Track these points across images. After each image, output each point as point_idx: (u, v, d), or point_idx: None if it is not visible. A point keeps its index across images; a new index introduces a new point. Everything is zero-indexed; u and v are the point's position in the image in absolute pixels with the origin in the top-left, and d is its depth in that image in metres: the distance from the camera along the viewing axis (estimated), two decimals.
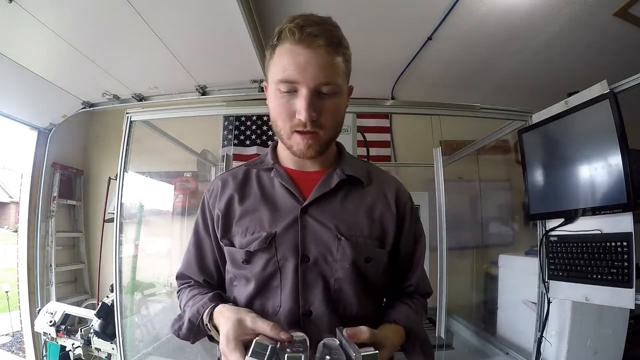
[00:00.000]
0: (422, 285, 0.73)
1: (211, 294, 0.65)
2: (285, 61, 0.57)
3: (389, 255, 0.67)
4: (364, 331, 0.51)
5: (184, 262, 0.74)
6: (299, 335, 0.50)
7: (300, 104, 0.57)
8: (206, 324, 0.58)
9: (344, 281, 0.61)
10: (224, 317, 0.55)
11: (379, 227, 0.65)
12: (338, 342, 0.49)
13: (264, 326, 0.50)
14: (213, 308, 0.59)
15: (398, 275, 0.72)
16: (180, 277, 0.75)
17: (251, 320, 0.52)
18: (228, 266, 0.68)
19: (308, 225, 0.62)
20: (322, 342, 0.49)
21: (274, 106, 0.61)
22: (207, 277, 0.72)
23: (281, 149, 0.71)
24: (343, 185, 0.66)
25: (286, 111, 0.59)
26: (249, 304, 0.63)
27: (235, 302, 0.66)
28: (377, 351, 0.45)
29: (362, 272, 0.62)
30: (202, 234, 0.72)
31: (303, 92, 0.57)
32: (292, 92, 0.58)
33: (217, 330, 0.56)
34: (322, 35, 0.56)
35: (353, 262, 0.61)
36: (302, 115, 0.57)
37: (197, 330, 0.61)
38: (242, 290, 0.64)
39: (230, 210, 0.67)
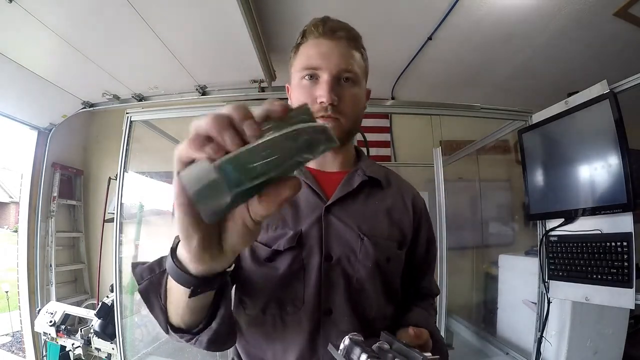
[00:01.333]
0: (432, 288, 0.77)
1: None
2: (310, 52, 0.63)
3: (405, 257, 0.69)
4: (425, 332, 0.53)
5: None
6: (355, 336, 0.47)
7: (321, 88, 0.61)
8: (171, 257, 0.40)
9: (365, 281, 0.61)
10: None
11: (397, 229, 0.67)
12: (388, 346, 0.48)
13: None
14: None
15: (412, 277, 0.74)
16: None
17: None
18: (244, 262, 0.62)
19: (331, 224, 0.62)
20: (377, 345, 0.48)
21: (297, 95, 0.65)
22: None
23: None
24: (364, 186, 0.66)
25: (308, 97, 0.62)
26: (268, 301, 0.59)
27: (249, 300, 0.62)
28: (438, 356, 0.44)
29: (383, 272, 0.63)
30: None
31: (325, 77, 0.61)
32: (315, 79, 0.62)
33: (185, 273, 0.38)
34: (343, 30, 0.63)
35: (375, 261, 0.61)
36: (324, 97, 0.60)
37: (157, 281, 0.49)
38: (260, 287, 0.61)
39: None
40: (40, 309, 2.10)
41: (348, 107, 0.63)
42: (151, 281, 0.49)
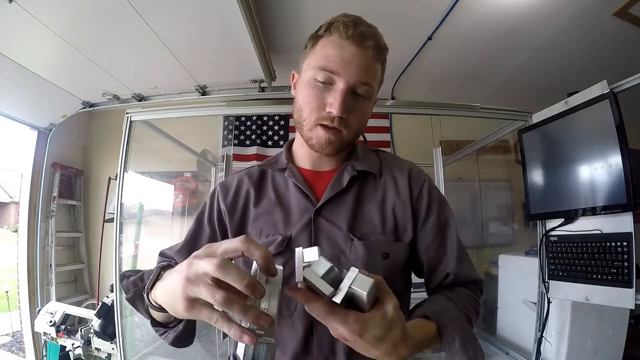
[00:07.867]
0: (462, 273, 0.64)
1: (166, 264, 0.55)
2: (331, 52, 0.57)
3: (410, 247, 0.64)
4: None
5: (175, 244, 0.70)
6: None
7: (334, 97, 0.56)
8: (147, 294, 0.49)
9: None
10: (175, 270, 0.41)
11: (392, 220, 0.63)
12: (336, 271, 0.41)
13: (234, 244, 0.38)
14: (159, 272, 0.49)
15: (430, 266, 0.65)
16: (162, 254, 0.69)
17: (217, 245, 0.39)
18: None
19: (321, 226, 0.61)
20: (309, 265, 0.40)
21: (305, 94, 0.60)
22: None
23: (296, 148, 0.70)
24: (355, 182, 0.65)
25: (317, 102, 0.58)
26: None
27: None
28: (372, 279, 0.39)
29: (381, 269, 0.60)
30: (204, 222, 0.69)
31: (340, 85, 0.56)
32: (328, 84, 0.57)
33: (156, 307, 0.46)
34: (373, 38, 0.58)
35: (367, 262, 0.59)
36: (335, 108, 0.56)
37: (139, 296, 0.57)
38: None
39: (246, 210, 0.66)
40: (40, 309, 2.10)
41: (355, 120, 0.60)
42: (136, 292, 0.59)
